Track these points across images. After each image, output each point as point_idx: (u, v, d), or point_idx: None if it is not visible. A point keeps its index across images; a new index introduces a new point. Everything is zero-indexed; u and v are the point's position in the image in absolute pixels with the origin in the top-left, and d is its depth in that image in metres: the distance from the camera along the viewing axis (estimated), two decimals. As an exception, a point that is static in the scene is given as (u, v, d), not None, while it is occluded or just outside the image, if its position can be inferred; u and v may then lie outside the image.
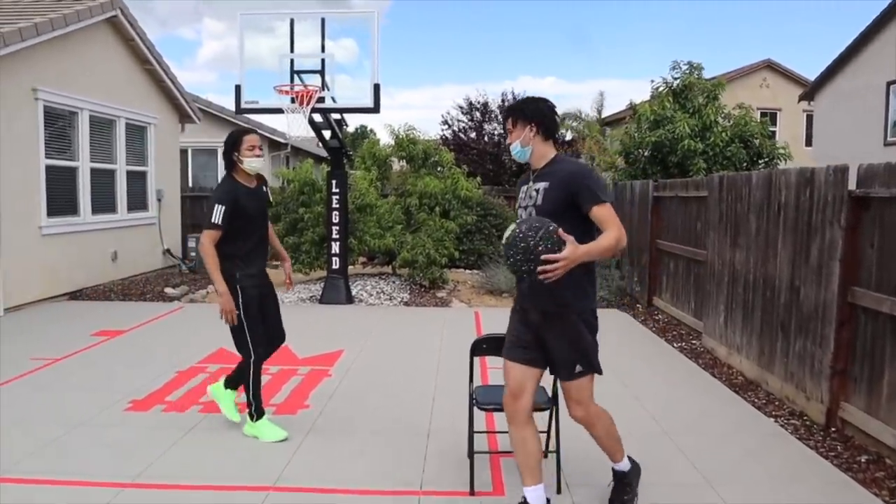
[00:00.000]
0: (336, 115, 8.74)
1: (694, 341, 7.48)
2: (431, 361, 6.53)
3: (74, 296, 9.82)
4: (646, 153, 10.99)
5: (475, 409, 3.75)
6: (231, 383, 4.63)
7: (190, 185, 17.03)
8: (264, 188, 4.47)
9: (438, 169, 12.33)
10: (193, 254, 12.33)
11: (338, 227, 9.60)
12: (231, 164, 4.29)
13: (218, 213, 4.14)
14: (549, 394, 3.77)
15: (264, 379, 5.79)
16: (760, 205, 5.97)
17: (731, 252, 6.57)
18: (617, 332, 8.02)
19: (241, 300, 4.25)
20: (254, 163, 4.25)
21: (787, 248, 5.46)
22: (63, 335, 7.39)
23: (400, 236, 11.06)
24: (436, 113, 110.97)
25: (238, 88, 8.25)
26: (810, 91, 20.15)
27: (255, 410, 4.41)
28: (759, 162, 10.50)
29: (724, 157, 10.46)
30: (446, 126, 16.47)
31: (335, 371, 6.18)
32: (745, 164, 10.50)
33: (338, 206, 9.56)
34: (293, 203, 11.38)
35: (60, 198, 9.61)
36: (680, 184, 8.49)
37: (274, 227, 11.02)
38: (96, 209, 10.46)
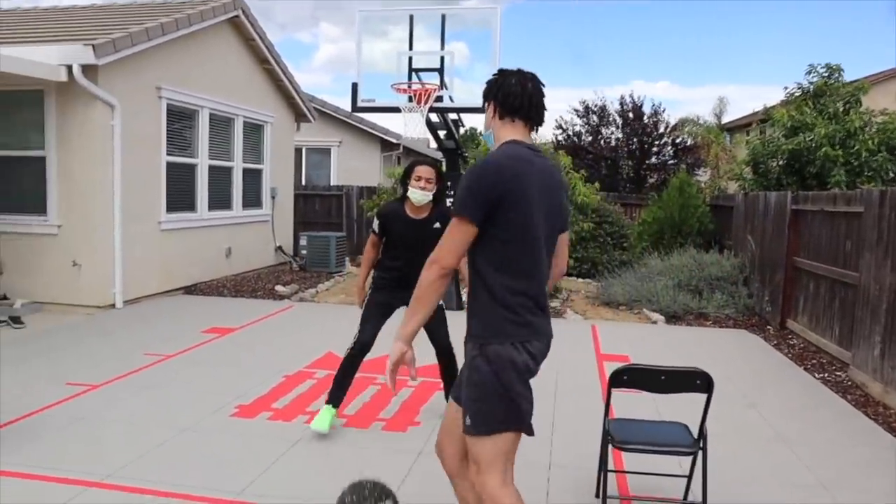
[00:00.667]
0: (453, 116, 8.46)
1: (839, 372, 6.69)
2: (548, 381, 6.09)
3: (189, 290, 10.02)
4: (780, 162, 10.10)
5: (610, 447, 3.33)
6: None
7: (303, 183, 17.32)
8: (437, 224, 4.39)
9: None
10: (304, 251, 12.40)
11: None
12: (406, 190, 4.49)
13: (375, 223, 4.62)
14: (694, 434, 3.30)
15: (373, 390, 5.55)
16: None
17: (894, 277, 5.79)
18: (747, 356, 7.32)
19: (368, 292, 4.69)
20: (416, 194, 4.38)
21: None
22: (176, 331, 7.47)
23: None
24: (547, 116, 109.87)
25: (355, 86, 8.12)
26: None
27: (337, 400, 4.60)
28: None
29: (869, 167, 9.45)
30: (560, 130, 15.97)
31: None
32: (892, 176, 9.45)
33: (449, 209, 9.29)
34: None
35: (179, 194, 9.82)
36: (825, 197, 7.66)
37: None
38: (213, 205, 10.65)
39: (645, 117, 15.15)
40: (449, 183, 8.95)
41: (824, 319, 7.48)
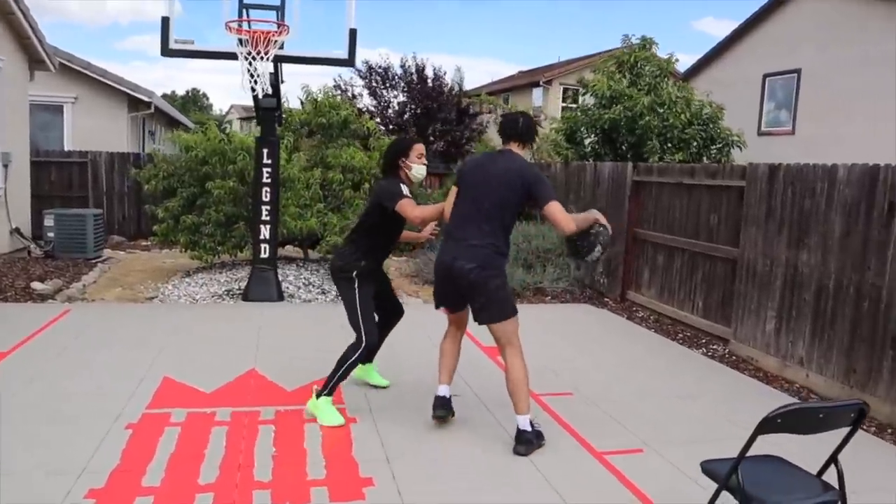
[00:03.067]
0: (268, 68, 6.82)
1: (714, 346, 6.69)
2: (458, 390, 5.11)
3: None
4: (597, 132, 10.09)
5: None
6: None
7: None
8: None
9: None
10: (52, 234, 9.70)
11: (269, 208, 7.75)
12: (394, 168, 4.34)
13: (405, 189, 4.21)
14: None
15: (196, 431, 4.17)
16: (854, 203, 5.19)
17: (792, 253, 5.78)
18: (617, 335, 7.06)
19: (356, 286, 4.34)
20: (421, 170, 4.33)
21: (906, 255, 4.71)
22: None
23: (322, 217, 9.32)
24: (318, 79, 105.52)
25: (165, 22, 6.11)
26: (684, 78, 20.54)
27: (331, 389, 4.37)
28: (712, 147, 10.02)
29: (680, 139, 9.83)
30: (339, 91, 14.66)
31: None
32: (699, 149, 9.95)
33: (269, 180, 7.69)
34: (190, 175, 9.22)
35: None
36: (682, 170, 7.64)
37: (166, 205, 8.96)
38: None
39: (429, 81, 14.54)
40: (266, 150, 7.45)
41: (681, 292, 7.50)
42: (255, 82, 6.03)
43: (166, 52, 6.20)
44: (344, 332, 4.49)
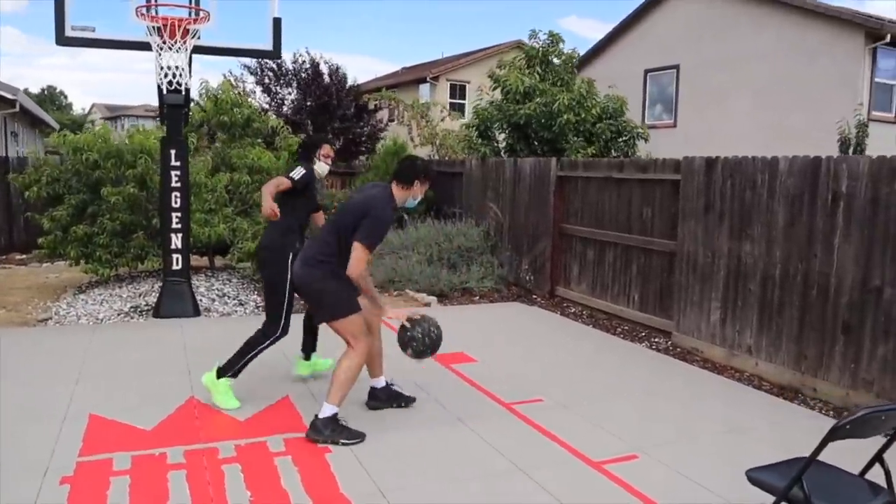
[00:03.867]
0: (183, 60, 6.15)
1: (656, 339, 6.74)
2: (428, 403, 4.79)
3: None
4: (508, 128, 9.99)
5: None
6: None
7: None
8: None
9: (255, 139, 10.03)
10: None
11: (179, 215, 7.05)
12: (309, 159, 4.80)
13: (299, 173, 4.57)
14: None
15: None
16: (797, 194, 5.32)
17: (734, 244, 5.88)
18: (558, 332, 6.98)
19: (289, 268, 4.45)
20: (325, 169, 4.87)
21: (851, 245, 4.88)
22: None
23: (231, 222, 8.67)
24: (129, 76, 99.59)
25: (60, 5, 5.29)
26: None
27: (236, 372, 4.48)
28: (619, 140, 10.18)
29: (590, 133, 9.92)
30: (231, 87, 13.68)
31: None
32: (606, 142, 10.08)
33: (178, 184, 7.00)
34: (78, 181, 8.28)
35: None
36: (610, 164, 7.66)
37: (52, 213, 8.02)
38: None
39: (325, 76, 13.93)
40: (174, 151, 6.80)
41: (615, 286, 7.53)
42: (174, 76, 5.38)
43: (62, 40, 5.38)
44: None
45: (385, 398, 4.61)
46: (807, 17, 15.08)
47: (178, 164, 6.96)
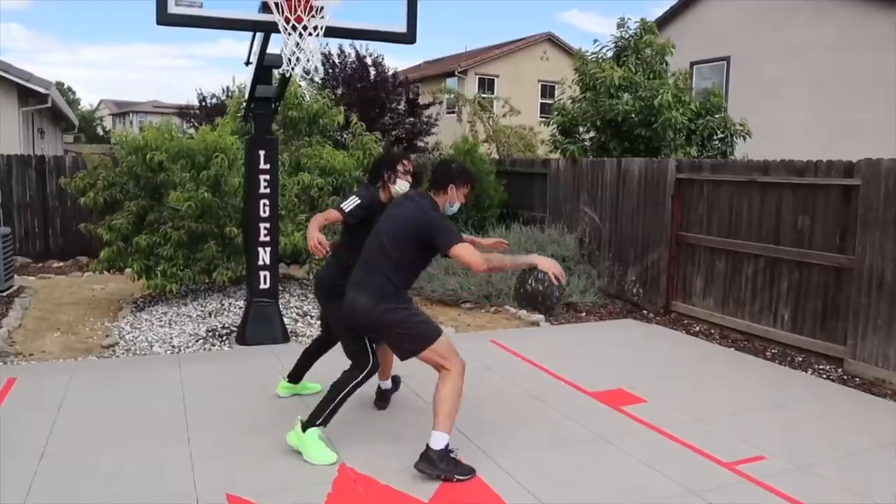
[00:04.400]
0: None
1: (821, 366, 5.87)
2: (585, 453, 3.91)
3: None
4: (601, 125, 9.09)
5: None
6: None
7: None
8: None
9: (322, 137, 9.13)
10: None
11: (268, 226, 6.13)
12: (378, 180, 4.26)
13: (352, 202, 4.10)
14: None
15: None
16: None
17: (944, 260, 5.02)
18: (705, 359, 6.09)
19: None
20: (404, 187, 4.22)
21: None
22: None
23: (305, 230, 7.75)
24: (126, 74, 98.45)
25: None
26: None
27: (325, 419, 3.79)
28: (714, 139, 9.32)
29: (689, 130, 9.05)
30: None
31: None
32: (702, 141, 9.21)
33: (268, 190, 6.07)
34: (136, 184, 7.35)
35: None
36: (748, 166, 6.78)
37: (110, 222, 7.13)
38: None
39: (371, 69, 13.00)
40: (263, 152, 5.88)
41: (756, 303, 6.65)
42: (298, 61, 4.45)
43: (165, 17, 4.40)
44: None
45: (393, 389, 4.64)
46: (878, 5, 14.22)
47: (267, 166, 6.03)
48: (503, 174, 10.46)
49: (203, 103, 19.35)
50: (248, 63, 6.16)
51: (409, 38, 4.81)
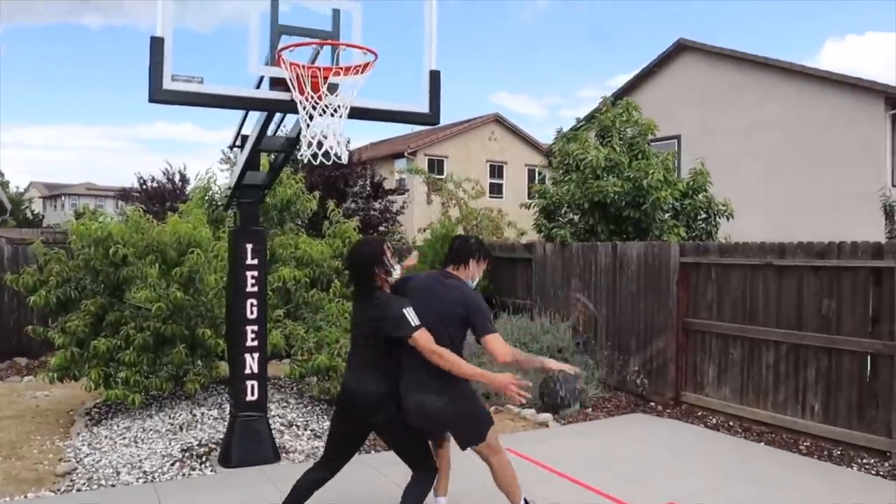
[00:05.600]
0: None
1: (866, 460, 5.46)
2: None
3: None
4: (588, 207, 8.79)
5: None
6: None
7: None
8: None
9: (296, 223, 8.54)
10: None
11: (255, 329, 5.41)
12: (372, 278, 3.70)
13: (412, 314, 3.57)
14: None
15: None
16: None
17: None
18: (730, 455, 5.59)
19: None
20: (398, 269, 3.86)
21: None
22: None
23: (283, 327, 7.05)
24: (62, 155, 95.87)
25: (158, 45, 3.68)
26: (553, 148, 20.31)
27: None
28: (699, 219, 9.15)
29: (676, 211, 8.86)
30: (228, 165, 12.03)
31: None
32: (687, 221, 9.03)
33: (255, 288, 5.39)
34: (94, 281, 6.55)
35: None
36: (762, 248, 6.49)
37: (63, 324, 6.34)
38: None
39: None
40: (250, 246, 5.25)
41: (780, 393, 6.27)
42: (320, 146, 3.86)
43: (159, 95, 3.73)
44: None
45: None
46: (821, 84, 14.79)
47: (255, 261, 5.38)
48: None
49: (144, 186, 18.60)
50: (233, 146, 5.61)
51: (432, 118, 4.35)
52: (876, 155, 14.00)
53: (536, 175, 25.52)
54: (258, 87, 4.23)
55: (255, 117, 4.92)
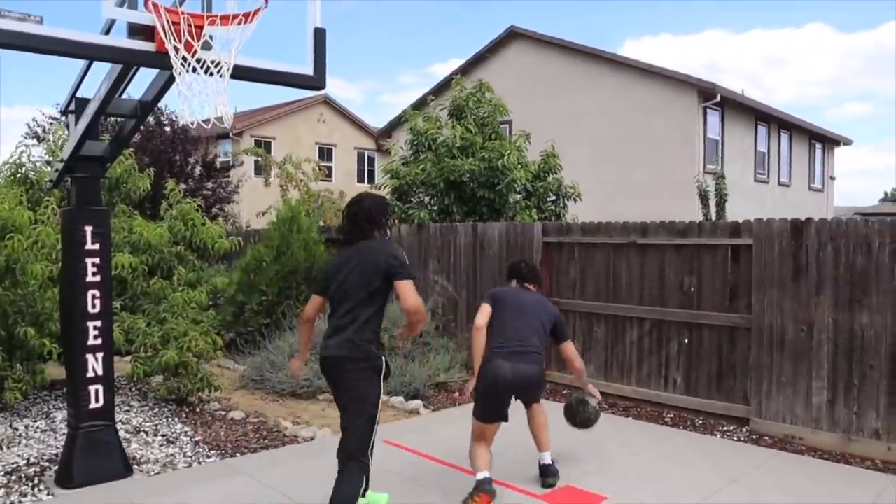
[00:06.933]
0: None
1: (726, 427, 5.80)
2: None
3: None
4: (443, 187, 8.63)
5: None
6: None
7: None
8: None
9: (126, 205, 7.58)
10: None
11: (99, 324, 4.63)
12: (373, 230, 3.69)
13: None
14: None
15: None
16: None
17: (843, 315, 5.19)
18: (606, 430, 5.72)
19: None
20: None
21: None
22: None
23: (120, 322, 6.21)
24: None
25: None
26: (386, 132, 20.07)
27: None
28: (548, 200, 9.33)
29: (528, 192, 8.96)
30: (35, 140, 10.38)
31: None
32: (537, 203, 9.18)
33: (97, 278, 4.61)
34: None
35: None
36: (626, 228, 6.66)
37: None
38: None
39: (167, 127, 11.27)
40: (90, 228, 4.51)
41: (643, 368, 6.52)
42: (213, 109, 3.24)
43: None
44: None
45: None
46: (642, 76, 15.77)
47: (96, 246, 4.59)
48: (331, 243, 9.50)
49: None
50: (66, 112, 4.75)
51: (317, 81, 3.88)
52: (691, 144, 15.23)
53: (366, 159, 25.18)
54: (106, 34, 3.53)
55: (99, 76, 4.14)
